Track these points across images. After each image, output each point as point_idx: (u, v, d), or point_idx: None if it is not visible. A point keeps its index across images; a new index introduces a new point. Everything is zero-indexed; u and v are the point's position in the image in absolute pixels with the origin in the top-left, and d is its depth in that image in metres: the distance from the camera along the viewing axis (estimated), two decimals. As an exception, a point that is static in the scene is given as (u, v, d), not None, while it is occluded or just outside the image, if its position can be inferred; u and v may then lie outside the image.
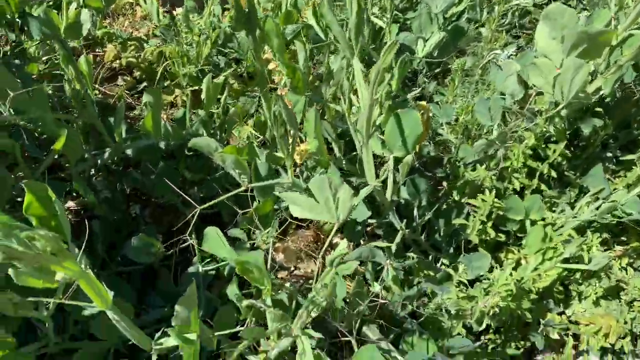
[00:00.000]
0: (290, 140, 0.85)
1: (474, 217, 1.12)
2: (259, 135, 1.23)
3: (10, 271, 0.73)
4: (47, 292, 0.80)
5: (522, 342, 1.19)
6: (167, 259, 1.25)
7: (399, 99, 1.01)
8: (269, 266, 1.09)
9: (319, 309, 0.73)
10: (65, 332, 1.03)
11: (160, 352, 0.97)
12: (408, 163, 0.92)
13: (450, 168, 1.28)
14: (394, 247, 1.03)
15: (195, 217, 1.00)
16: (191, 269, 1.20)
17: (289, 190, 0.90)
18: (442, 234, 1.18)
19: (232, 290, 0.99)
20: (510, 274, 1.02)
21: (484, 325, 0.99)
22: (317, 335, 0.78)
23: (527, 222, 1.19)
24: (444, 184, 1.44)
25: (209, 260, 1.23)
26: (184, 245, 1.21)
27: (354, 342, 0.86)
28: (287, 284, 1.02)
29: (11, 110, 0.98)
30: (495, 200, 1.07)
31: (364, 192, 0.91)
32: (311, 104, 1.03)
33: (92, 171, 1.29)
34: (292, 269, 1.28)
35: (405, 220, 1.08)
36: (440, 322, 1.07)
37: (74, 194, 1.33)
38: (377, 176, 0.95)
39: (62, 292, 0.82)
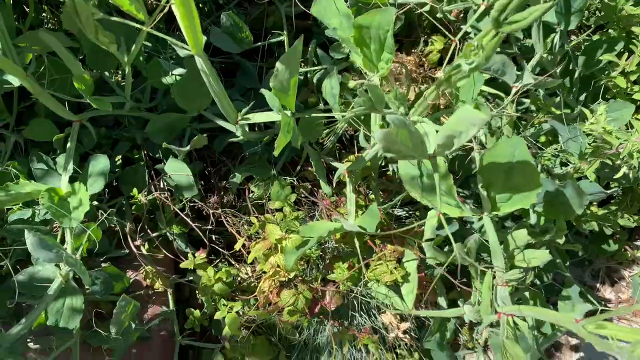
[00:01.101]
0: None
1: (628, 53, 0.92)
2: None
3: (95, -26, 0.61)
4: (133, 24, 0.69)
5: (635, 217, 1.05)
6: (252, 58, 1.12)
7: None
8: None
9: (454, 83, 0.59)
10: (141, 102, 0.95)
11: (243, 136, 0.87)
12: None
13: (600, 3, 1.04)
14: (529, 67, 0.84)
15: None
16: (277, 70, 1.07)
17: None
18: (577, 75, 0.98)
19: (329, 83, 0.85)
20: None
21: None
22: (434, 126, 0.64)
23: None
24: (573, 38, 1.20)
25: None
26: (273, 40, 1.07)
27: (475, 147, 0.72)
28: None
29: None
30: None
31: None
32: None
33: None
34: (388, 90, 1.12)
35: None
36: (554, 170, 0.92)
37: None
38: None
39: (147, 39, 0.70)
